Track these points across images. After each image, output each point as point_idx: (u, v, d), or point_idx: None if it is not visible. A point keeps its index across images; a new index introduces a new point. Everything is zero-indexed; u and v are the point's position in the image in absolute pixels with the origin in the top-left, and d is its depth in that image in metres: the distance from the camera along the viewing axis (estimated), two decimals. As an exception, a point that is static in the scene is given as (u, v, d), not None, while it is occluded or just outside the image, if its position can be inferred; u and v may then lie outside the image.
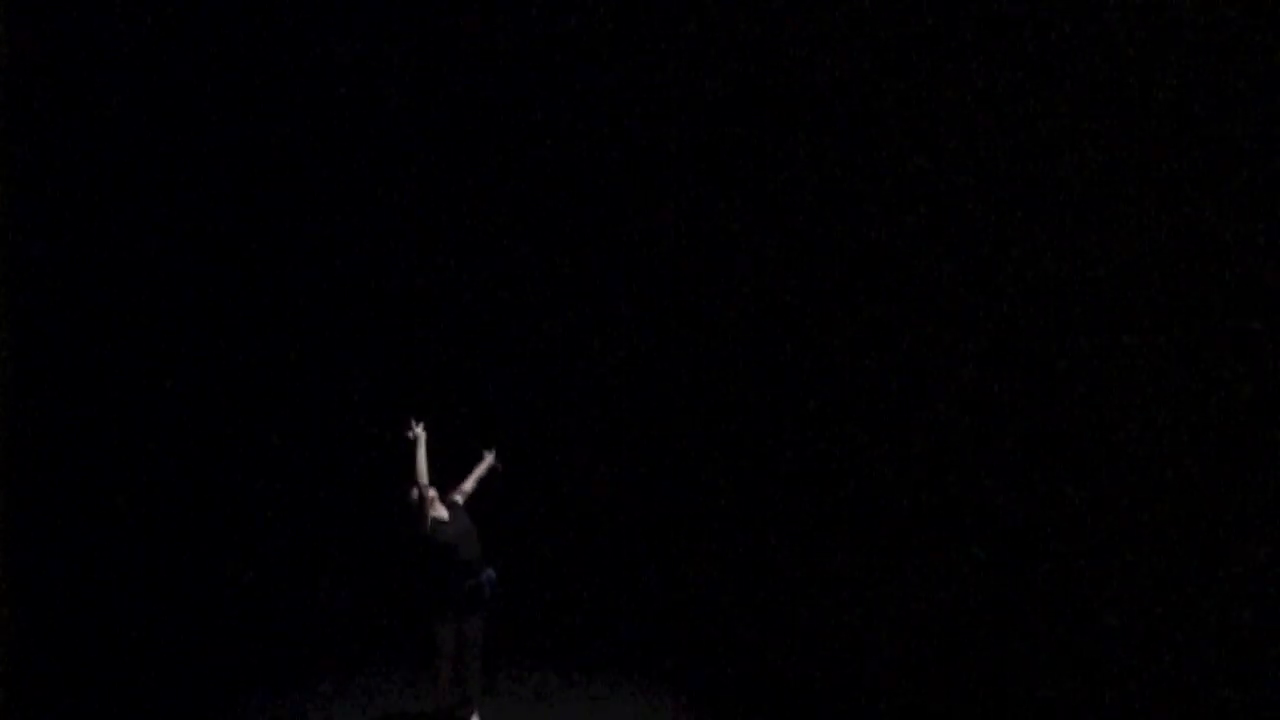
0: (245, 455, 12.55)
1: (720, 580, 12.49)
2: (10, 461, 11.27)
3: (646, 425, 12.84)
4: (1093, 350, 11.91)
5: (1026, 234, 12.07)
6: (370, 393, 12.69)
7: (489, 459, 10.49)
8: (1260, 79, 11.47)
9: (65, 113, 11.98)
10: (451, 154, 12.85)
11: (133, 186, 12.33)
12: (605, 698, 11.20)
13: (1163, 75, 11.71)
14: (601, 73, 12.68)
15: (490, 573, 10.15)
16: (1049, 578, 11.73)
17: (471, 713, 10.33)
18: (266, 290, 12.70)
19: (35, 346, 11.69)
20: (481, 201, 12.87)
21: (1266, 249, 11.49)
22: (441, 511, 10.06)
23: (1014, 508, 11.92)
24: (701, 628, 12.25)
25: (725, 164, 12.66)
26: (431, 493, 10.05)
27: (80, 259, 12.13)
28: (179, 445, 12.45)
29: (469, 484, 10.33)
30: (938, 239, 12.24)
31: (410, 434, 10.05)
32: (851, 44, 12.32)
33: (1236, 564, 11.05)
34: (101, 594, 11.90)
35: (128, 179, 12.31)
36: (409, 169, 12.84)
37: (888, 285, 12.37)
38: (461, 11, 12.69)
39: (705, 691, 11.34)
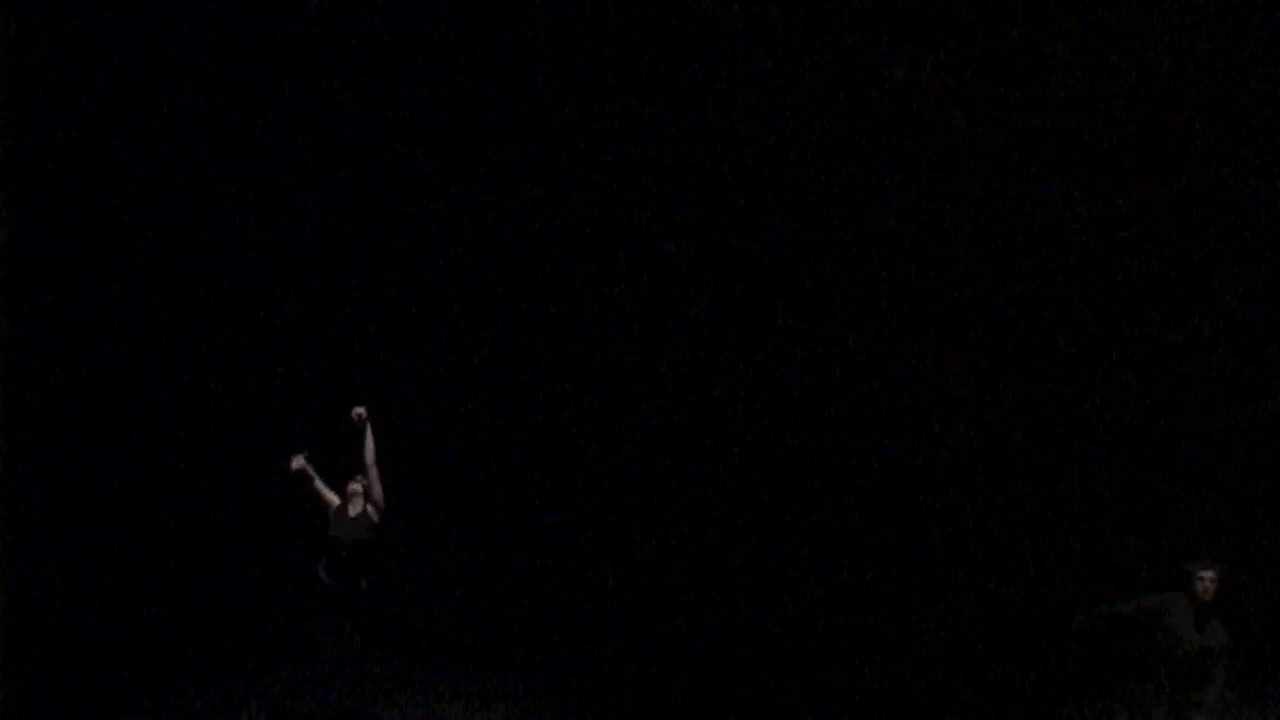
0: (238, 454, 12.55)
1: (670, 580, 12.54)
2: (10, 461, 11.30)
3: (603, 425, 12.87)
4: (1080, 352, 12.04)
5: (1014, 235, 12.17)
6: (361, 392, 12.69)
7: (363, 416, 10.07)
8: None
9: (65, 113, 11.99)
10: (450, 156, 12.88)
11: (132, 187, 12.35)
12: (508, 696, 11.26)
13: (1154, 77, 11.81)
14: (595, 72, 12.73)
15: (320, 567, 9.99)
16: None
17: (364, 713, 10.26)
18: (262, 292, 12.72)
19: (35, 347, 11.71)
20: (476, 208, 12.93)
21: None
22: (355, 509, 10.00)
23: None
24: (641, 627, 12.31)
25: (712, 165, 12.71)
26: (359, 484, 9.99)
27: (80, 259, 12.14)
28: (171, 445, 12.46)
29: (372, 473, 10.02)
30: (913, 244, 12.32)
31: (356, 416, 9.95)
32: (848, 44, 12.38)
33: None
34: (92, 593, 11.91)
35: (127, 179, 12.33)
36: (407, 172, 12.87)
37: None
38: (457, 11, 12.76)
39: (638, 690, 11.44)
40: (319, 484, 10.13)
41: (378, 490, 10.00)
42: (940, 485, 12.19)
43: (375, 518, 10.01)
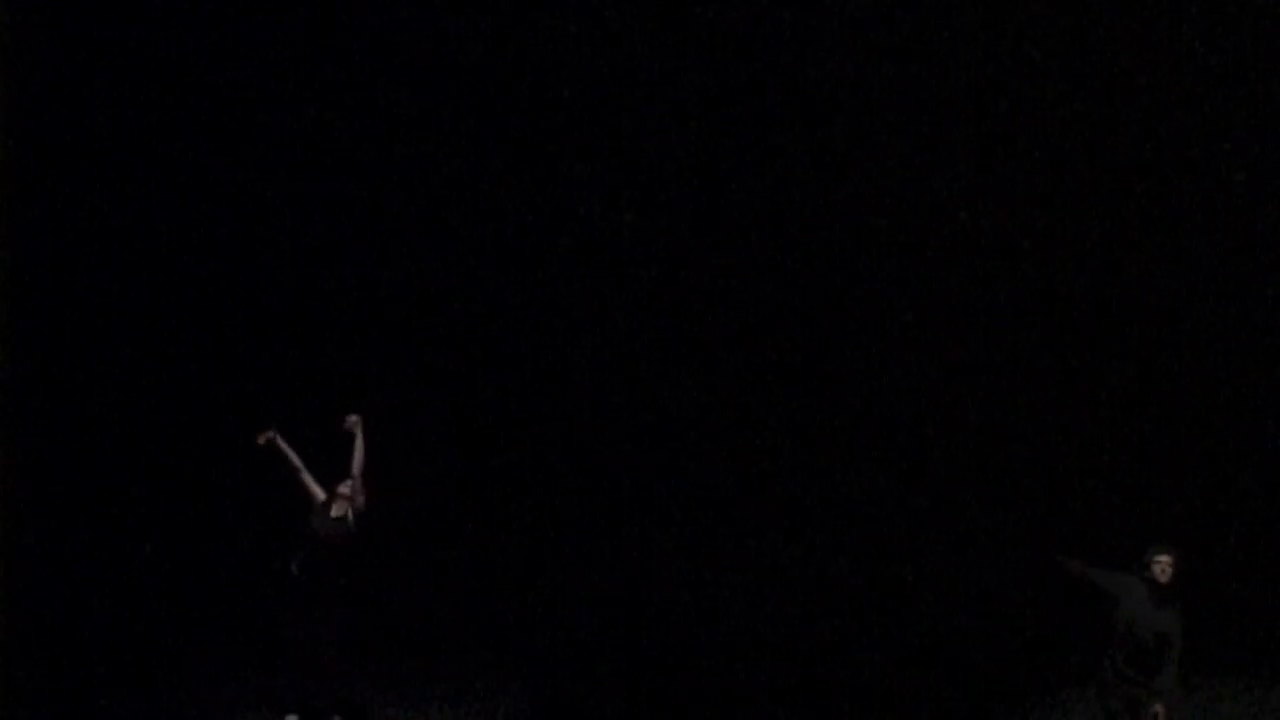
0: (238, 455, 12.54)
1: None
2: (10, 461, 11.31)
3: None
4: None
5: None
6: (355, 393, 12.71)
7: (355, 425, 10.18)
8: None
9: (65, 113, 12.00)
10: (449, 156, 12.88)
11: (132, 187, 12.35)
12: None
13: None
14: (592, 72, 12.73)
15: (294, 561, 10.06)
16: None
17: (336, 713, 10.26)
18: (261, 293, 12.72)
19: (35, 346, 11.72)
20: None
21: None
22: (339, 510, 10.05)
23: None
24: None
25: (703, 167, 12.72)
26: (346, 487, 10.04)
27: (80, 259, 12.15)
28: (170, 444, 12.46)
29: (358, 481, 10.08)
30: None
31: (348, 423, 10.04)
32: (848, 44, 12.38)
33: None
34: (91, 593, 11.94)
35: (127, 179, 12.34)
36: (409, 173, 12.86)
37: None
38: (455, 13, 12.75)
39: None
40: (306, 476, 10.19)
41: (360, 499, 10.07)
42: (933, 485, 12.21)
43: (353, 524, 10.07)
